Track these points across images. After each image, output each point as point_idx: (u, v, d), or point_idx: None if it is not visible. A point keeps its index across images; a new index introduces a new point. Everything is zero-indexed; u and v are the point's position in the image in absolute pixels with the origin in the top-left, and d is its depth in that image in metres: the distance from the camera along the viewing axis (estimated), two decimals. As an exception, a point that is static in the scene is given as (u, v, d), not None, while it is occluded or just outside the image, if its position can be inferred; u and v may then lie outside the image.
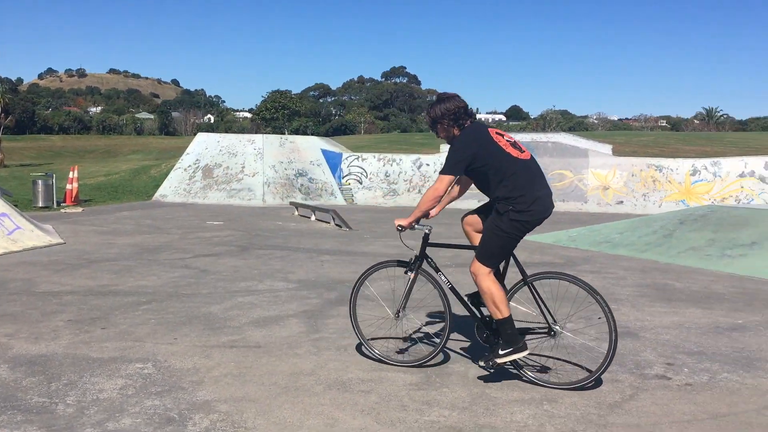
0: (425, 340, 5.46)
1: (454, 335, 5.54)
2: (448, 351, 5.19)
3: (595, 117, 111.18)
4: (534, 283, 4.58)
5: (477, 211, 4.81)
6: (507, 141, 4.54)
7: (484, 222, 4.61)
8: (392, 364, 4.83)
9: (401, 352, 5.12)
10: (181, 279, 8.06)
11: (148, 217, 15.54)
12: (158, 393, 4.22)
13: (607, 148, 21.00)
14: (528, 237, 13.21)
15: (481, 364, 4.68)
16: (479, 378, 4.61)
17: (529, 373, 4.53)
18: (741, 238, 9.96)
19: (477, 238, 4.67)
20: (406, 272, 4.87)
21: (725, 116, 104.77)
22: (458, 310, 5.29)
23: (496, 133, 4.59)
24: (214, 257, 9.81)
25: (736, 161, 19.63)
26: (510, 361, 4.43)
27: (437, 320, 5.93)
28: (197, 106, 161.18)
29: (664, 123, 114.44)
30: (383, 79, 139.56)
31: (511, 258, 4.64)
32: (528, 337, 4.60)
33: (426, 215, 4.66)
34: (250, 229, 13.59)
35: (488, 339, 4.62)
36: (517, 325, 4.53)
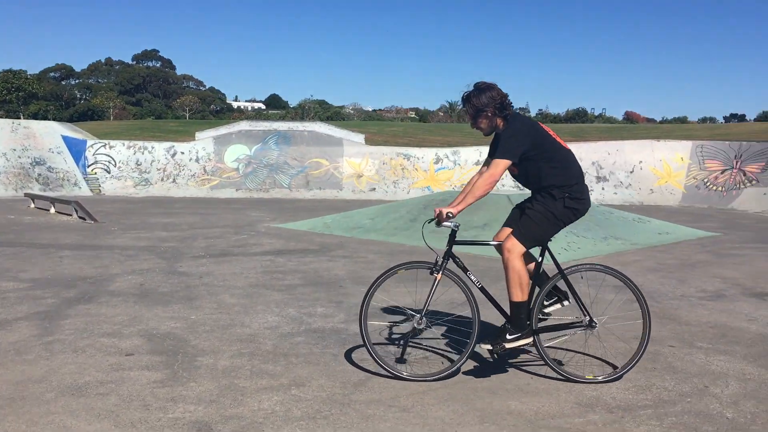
0: (442, 349, 5.08)
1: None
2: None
3: (351, 107, 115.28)
4: (569, 276, 4.50)
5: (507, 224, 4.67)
6: (553, 132, 4.49)
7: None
8: (410, 380, 4.35)
9: (415, 363, 4.72)
10: None
11: None
12: None
13: (360, 138, 21.88)
14: (284, 225, 13.26)
15: (487, 347, 4.42)
16: (228, 369, 4.55)
17: (565, 368, 4.46)
18: (475, 220, 10.96)
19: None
20: (431, 273, 4.52)
21: (466, 109, 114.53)
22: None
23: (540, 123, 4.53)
24: (-74, 258, 8.55)
25: (472, 150, 21.57)
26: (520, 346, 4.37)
27: (455, 326, 5.39)
28: None
29: (413, 114, 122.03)
30: (134, 62, 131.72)
31: (546, 251, 4.54)
32: (567, 330, 4.59)
33: (449, 216, 4.39)
34: (-26, 225, 12.07)
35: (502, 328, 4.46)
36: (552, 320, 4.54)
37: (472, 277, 4.58)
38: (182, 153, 21.00)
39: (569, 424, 3.75)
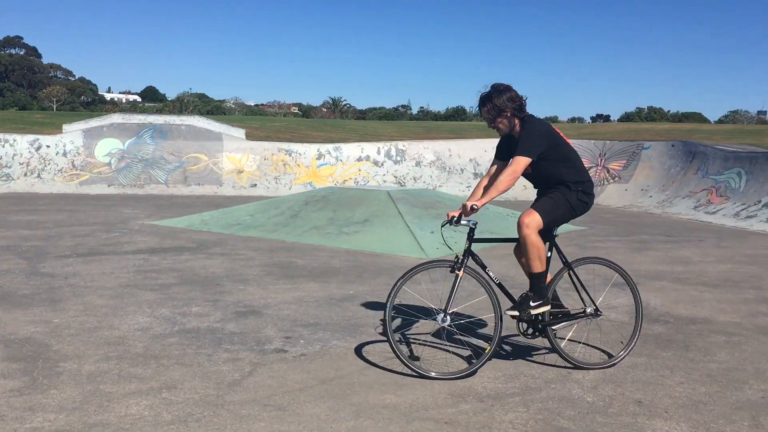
0: (464, 346, 5.05)
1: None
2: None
3: (232, 102, 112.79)
4: (576, 268, 4.84)
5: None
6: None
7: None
8: (435, 378, 4.36)
9: (435, 360, 4.75)
10: None
11: None
12: None
13: (240, 132, 21.43)
14: (159, 222, 12.77)
15: (513, 313, 4.63)
16: (93, 374, 4.32)
17: (567, 352, 4.70)
18: (356, 216, 11.03)
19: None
20: (452, 271, 4.51)
21: (348, 105, 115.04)
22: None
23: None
24: None
25: (354, 147, 21.69)
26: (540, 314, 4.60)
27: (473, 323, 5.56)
28: None
29: (296, 110, 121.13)
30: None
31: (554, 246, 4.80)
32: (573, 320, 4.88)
33: (474, 208, 4.48)
34: None
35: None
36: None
37: (491, 273, 4.71)
38: (48, 146, 19.76)
39: (442, 414, 3.84)
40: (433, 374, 4.40)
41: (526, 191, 21.34)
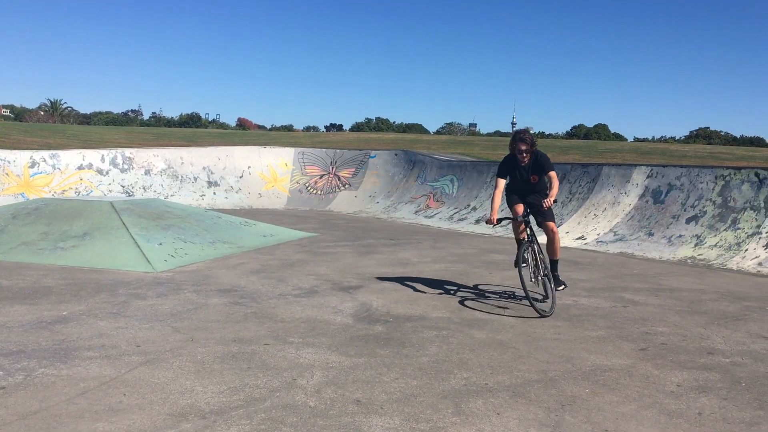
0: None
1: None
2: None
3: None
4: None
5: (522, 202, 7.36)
6: None
7: (526, 204, 7.31)
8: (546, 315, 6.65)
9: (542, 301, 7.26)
10: None
11: None
12: None
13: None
14: None
15: (561, 288, 7.60)
16: None
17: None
18: (74, 229, 10.14)
19: (519, 209, 7.30)
20: (530, 246, 7.05)
21: (70, 109, 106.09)
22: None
23: None
24: None
25: (75, 154, 19.99)
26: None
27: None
28: None
29: (7, 112, 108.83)
30: None
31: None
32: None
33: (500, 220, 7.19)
34: None
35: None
36: None
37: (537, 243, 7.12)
38: None
39: (160, 437, 3.65)
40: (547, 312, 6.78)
41: (261, 199, 21.24)
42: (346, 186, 21.22)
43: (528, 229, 7.12)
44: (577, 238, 12.81)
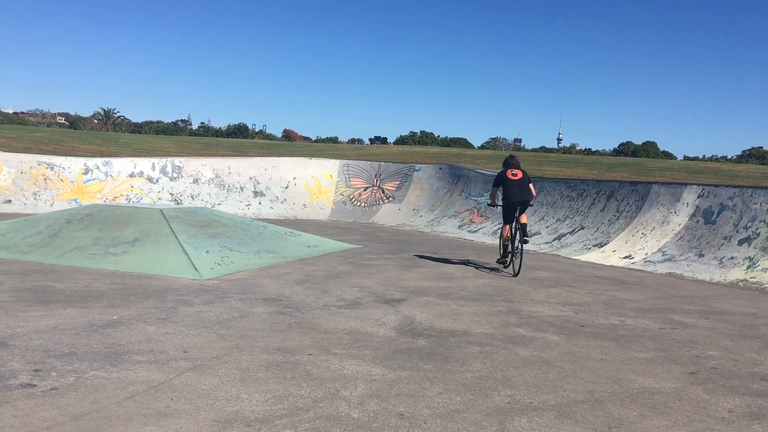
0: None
1: None
2: None
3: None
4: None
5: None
6: None
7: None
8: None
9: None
10: None
11: None
12: None
13: (-8, 142, 19.29)
14: None
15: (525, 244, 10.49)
16: None
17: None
18: (124, 235, 10.38)
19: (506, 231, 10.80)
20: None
21: (122, 117, 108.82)
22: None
23: None
24: None
25: (127, 161, 20.49)
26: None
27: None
28: None
29: (62, 120, 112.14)
30: None
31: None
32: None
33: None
34: None
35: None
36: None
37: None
38: None
39: (206, 443, 3.70)
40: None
41: (306, 210, 21.44)
42: (390, 199, 21.26)
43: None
44: (624, 257, 12.60)
